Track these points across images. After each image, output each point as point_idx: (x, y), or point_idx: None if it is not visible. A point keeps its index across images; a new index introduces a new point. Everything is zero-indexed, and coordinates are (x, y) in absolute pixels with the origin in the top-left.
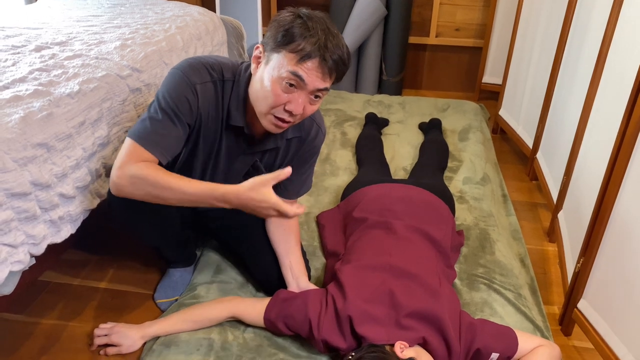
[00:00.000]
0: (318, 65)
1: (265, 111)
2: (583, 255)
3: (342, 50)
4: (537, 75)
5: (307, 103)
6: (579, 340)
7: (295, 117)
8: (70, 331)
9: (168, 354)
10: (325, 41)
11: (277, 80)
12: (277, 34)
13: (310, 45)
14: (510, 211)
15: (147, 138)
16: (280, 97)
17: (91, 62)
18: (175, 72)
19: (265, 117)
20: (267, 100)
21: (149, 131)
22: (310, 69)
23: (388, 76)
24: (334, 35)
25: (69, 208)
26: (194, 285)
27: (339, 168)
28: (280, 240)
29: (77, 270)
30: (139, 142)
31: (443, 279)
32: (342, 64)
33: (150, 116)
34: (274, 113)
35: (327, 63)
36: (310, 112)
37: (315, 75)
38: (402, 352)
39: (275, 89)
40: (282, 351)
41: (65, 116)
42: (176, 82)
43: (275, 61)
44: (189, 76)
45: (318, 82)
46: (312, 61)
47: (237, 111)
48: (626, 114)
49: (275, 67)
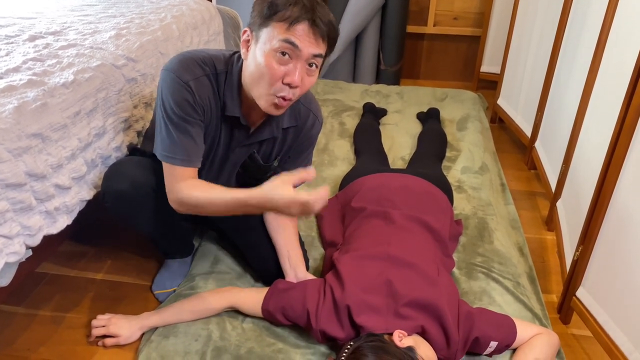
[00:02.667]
0: (309, 28)
1: (263, 91)
2: (582, 243)
3: (330, 18)
4: (536, 64)
5: (304, 74)
6: (578, 329)
7: (295, 90)
8: (68, 322)
9: (166, 344)
10: (312, 4)
11: (270, 54)
12: (262, 9)
13: (297, 9)
14: (508, 200)
15: (175, 157)
16: (276, 71)
17: (86, 51)
18: (167, 74)
19: (264, 99)
20: (263, 78)
21: (173, 148)
22: (301, 34)
23: (386, 66)
24: (320, 4)
25: (65, 199)
26: (192, 276)
27: (337, 158)
28: (278, 230)
29: (75, 262)
30: (171, 163)
31: (441, 268)
32: (332, 28)
33: (166, 131)
34: (274, 92)
35: (318, 26)
36: (308, 84)
37: (307, 40)
38: (400, 340)
39: (269, 63)
40: (280, 341)
41: (60, 106)
42: (171, 86)
43: (265, 35)
44: (180, 76)
45: (312, 47)
46: (302, 25)
47: (232, 102)
48: (625, 102)
49: (266, 41)
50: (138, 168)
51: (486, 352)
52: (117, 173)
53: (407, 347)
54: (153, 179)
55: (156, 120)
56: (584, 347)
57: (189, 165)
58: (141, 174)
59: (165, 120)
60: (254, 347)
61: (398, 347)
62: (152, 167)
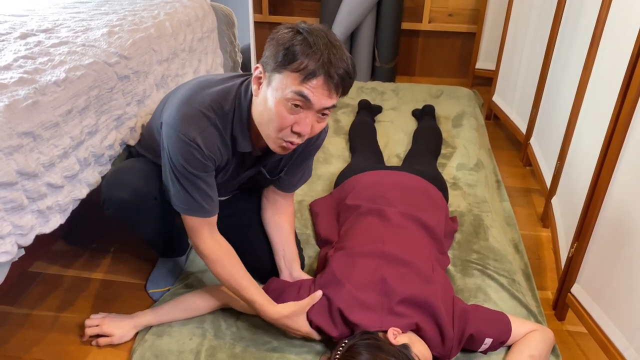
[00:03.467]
0: (323, 82)
1: (272, 135)
2: (577, 240)
3: (347, 63)
4: (531, 61)
5: (314, 122)
6: (573, 325)
7: (303, 137)
8: (62, 322)
9: (161, 343)
10: (329, 56)
11: (281, 102)
12: (278, 54)
13: (313, 62)
14: (504, 197)
15: (192, 208)
16: (286, 120)
17: (78, 49)
18: (172, 132)
19: (273, 141)
20: (272, 124)
21: (188, 202)
22: (315, 88)
23: (381, 63)
24: (337, 47)
25: (57, 198)
26: (187, 275)
27: (332, 156)
28: (275, 228)
29: (68, 261)
30: (190, 214)
31: (436, 266)
32: (348, 77)
33: (179, 186)
34: (282, 137)
35: (332, 79)
36: (318, 129)
37: (321, 94)
38: (395, 338)
39: (280, 111)
40: (275, 339)
41: (52, 104)
42: (178, 146)
43: (278, 82)
44: (185, 134)
45: (324, 100)
46: (317, 79)
47: (243, 138)
48: (620, 98)
49: (278, 89)
50: (140, 176)
51: (481, 349)
52: (119, 181)
53: (402, 344)
54: (155, 186)
55: (165, 172)
56: (579, 343)
57: (207, 215)
58: (142, 183)
59: (176, 176)
60: (248, 346)
61: (393, 345)
62: (154, 175)
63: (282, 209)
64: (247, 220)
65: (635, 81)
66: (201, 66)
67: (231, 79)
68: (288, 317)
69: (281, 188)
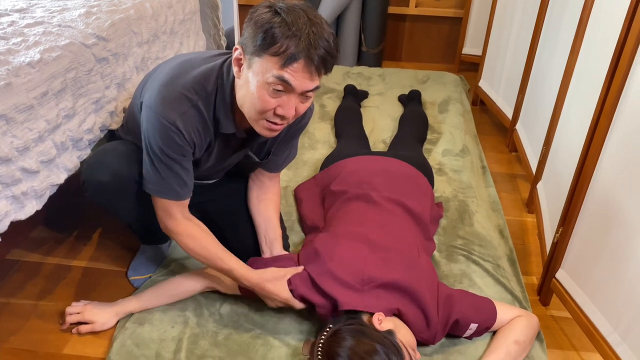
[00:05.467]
0: (304, 65)
1: (255, 117)
2: (562, 225)
3: (328, 41)
4: (518, 46)
5: (298, 104)
6: (557, 310)
7: (287, 119)
8: (41, 310)
9: (142, 331)
10: (309, 36)
11: (262, 86)
12: (256, 36)
13: (294, 45)
14: (489, 183)
15: (164, 191)
16: (268, 103)
17: (53, 29)
18: (151, 114)
19: (257, 123)
20: (255, 107)
21: (162, 184)
22: (296, 71)
23: (368, 47)
24: (316, 25)
25: (33, 183)
26: (168, 262)
27: (317, 141)
28: (259, 210)
29: (47, 248)
30: (161, 197)
31: (422, 251)
32: (329, 57)
33: (152, 168)
34: (266, 118)
35: (313, 62)
36: (303, 110)
37: (302, 77)
38: (380, 324)
39: (262, 95)
40: (259, 327)
41: (26, 86)
42: (156, 128)
43: (258, 66)
44: (165, 116)
45: (306, 83)
46: (298, 63)
47: (226, 119)
48: (606, 83)
49: (258, 72)
50: (121, 159)
51: (466, 334)
52: (99, 163)
53: (387, 330)
54: (136, 170)
55: (143, 152)
56: (563, 328)
57: (179, 199)
58: (124, 165)
59: (151, 158)
60: (231, 334)
61: (377, 330)
62: (136, 157)
63: (268, 190)
64: (233, 204)
65: (622, 65)
66: (183, 49)
67: (213, 57)
68: (268, 281)
69: (267, 169)
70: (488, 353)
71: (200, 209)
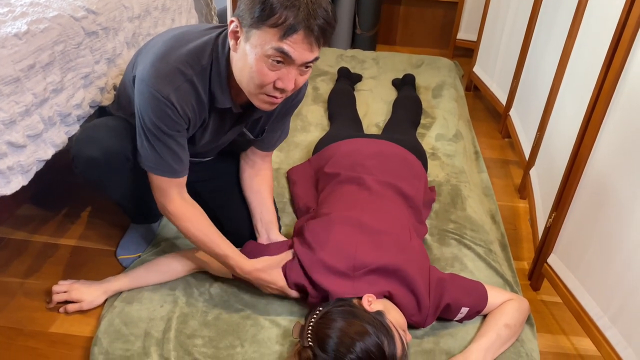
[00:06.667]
0: (304, 36)
1: (254, 91)
2: (555, 210)
3: (327, 12)
4: (513, 31)
5: (297, 76)
6: (548, 295)
7: (287, 92)
8: (27, 288)
9: (130, 310)
10: (307, 7)
11: (261, 59)
12: (254, 8)
13: (292, 16)
14: (482, 168)
15: (160, 168)
16: (268, 76)
17: (41, 1)
18: (145, 88)
19: (256, 97)
20: (254, 81)
21: (157, 161)
22: (296, 43)
23: (362, 30)
24: None
25: (19, 158)
26: (158, 242)
27: (310, 124)
28: (253, 191)
29: (35, 226)
30: (156, 174)
31: (414, 235)
32: (329, 27)
33: (148, 144)
34: (265, 92)
35: (313, 32)
36: (302, 82)
37: (302, 49)
38: (370, 305)
39: (260, 68)
40: (248, 308)
41: (12, 58)
42: (150, 102)
43: (256, 38)
44: (158, 90)
45: (306, 54)
46: (298, 34)
47: (222, 93)
48: (603, 69)
49: (257, 45)
50: (112, 134)
51: (457, 317)
52: (90, 138)
53: (377, 311)
54: (127, 146)
55: (136, 129)
56: (553, 313)
57: (176, 176)
58: (115, 141)
59: (146, 134)
60: (221, 314)
61: (367, 311)
62: (127, 134)
63: (261, 171)
64: (226, 184)
65: (621, 49)
66: (175, 25)
67: (208, 31)
68: (262, 270)
69: (260, 147)
70: (479, 336)
71: (193, 189)
